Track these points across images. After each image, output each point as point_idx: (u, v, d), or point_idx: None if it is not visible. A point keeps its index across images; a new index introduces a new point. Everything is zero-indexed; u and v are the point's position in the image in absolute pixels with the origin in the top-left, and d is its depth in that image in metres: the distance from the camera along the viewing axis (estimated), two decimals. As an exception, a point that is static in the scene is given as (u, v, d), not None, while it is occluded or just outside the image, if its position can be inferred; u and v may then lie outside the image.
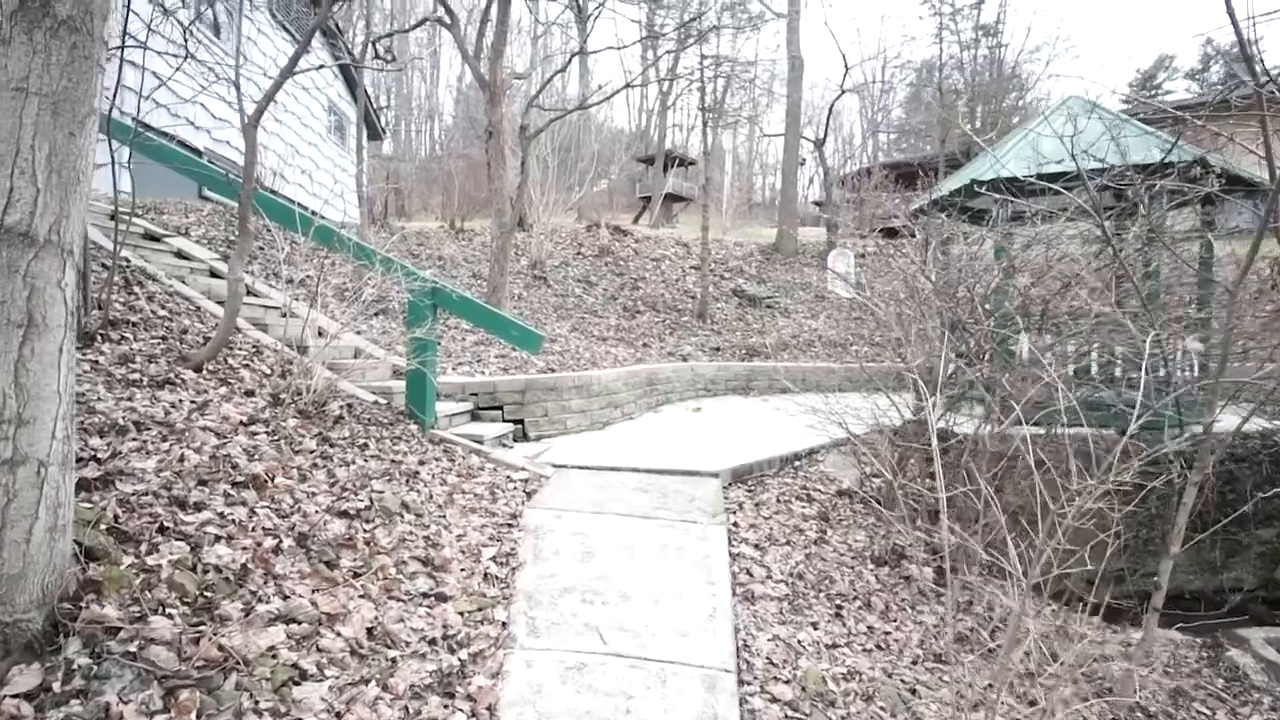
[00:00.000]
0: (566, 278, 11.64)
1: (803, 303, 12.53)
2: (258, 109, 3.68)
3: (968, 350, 4.67)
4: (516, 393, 5.46)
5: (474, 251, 10.96)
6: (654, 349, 9.68)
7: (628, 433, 6.06)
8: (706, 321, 11.08)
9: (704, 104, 12.73)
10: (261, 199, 4.24)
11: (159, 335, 3.89)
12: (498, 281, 7.97)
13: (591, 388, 6.03)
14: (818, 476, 5.13)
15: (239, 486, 2.69)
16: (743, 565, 3.45)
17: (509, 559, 3.16)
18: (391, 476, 3.46)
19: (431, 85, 41.20)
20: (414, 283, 4.14)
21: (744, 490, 4.59)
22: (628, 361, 8.23)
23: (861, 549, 4.22)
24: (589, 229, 14.25)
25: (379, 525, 3.00)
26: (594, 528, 3.52)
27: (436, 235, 11.55)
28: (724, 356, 9.95)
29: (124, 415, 2.80)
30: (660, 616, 2.76)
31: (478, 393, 5.38)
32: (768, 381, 9.29)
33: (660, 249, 14.05)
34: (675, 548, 3.37)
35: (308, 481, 3.03)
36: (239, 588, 2.20)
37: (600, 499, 3.95)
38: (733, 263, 13.82)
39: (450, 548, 3.06)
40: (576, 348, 8.17)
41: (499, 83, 7.89)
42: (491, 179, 8.13)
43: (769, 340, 10.39)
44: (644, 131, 36.86)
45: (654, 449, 5.29)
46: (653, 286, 12.18)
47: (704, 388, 8.76)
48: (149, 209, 6.63)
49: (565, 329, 9.16)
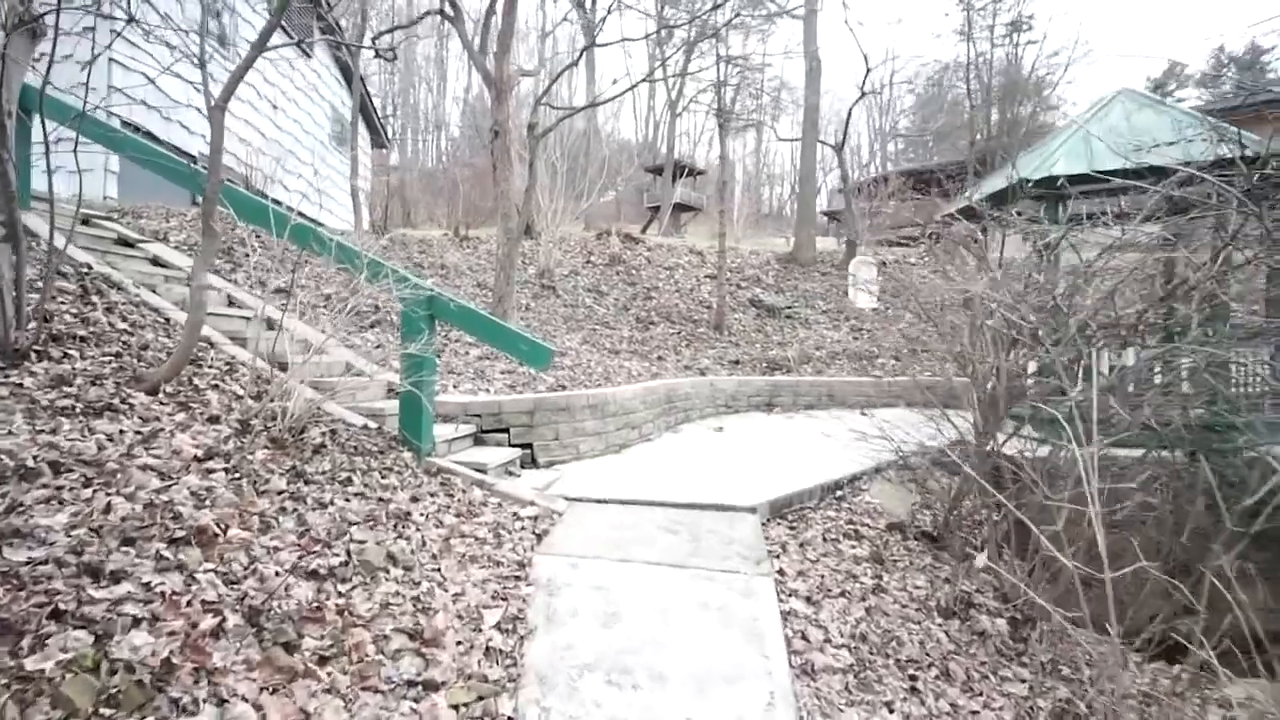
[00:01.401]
0: (576, 287, 11.11)
1: (824, 313, 11.93)
2: (225, 89, 3.17)
3: (1041, 364, 4.10)
4: (524, 414, 4.91)
5: (479, 260, 10.44)
6: (669, 362, 9.12)
7: (647, 457, 5.50)
8: (724, 333, 10.51)
9: (720, 104, 12.18)
10: (231, 194, 3.73)
11: (112, 352, 3.36)
12: (504, 291, 7.43)
13: (607, 407, 5.47)
14: (863, 508, 4.55)
15: (178, 544, 2.14)
16: (796, 627, 2.87)
17: (516, 624, 2.59)
18: (377, 521, 2.90)
19: (439, 96, 41.11)
20: (406, 290, 3.59)
21: (785, 527, 4.01)
22: (643, 376, 7.67)
23: (924, 597, 3.63)
24: (599, 237, 13.74)
25: (357, 585, 2.44)
26: (618, 580, 2.96)
27: (440, 243, 11.03)
28: (744, 370, 9.37)
29: (39, 454, 2.25)
30: (706, 707, 2.19)
31: (481, 414, 4.83)
32: (791, 397, 8.70)
33: (674, 257, 13.52)
34: (717, 607, 2.79)
35: (271, 532, 2.47)
36: (157, 693, 1.65)
37: (623, 541, 3.38)
38: (749, 272, 13.25)
39: (445, 613, 2.50)
40: (588, 361, 7.62)
41: (505, 79, 7.40)
42: (497, 181, 7.62)
43: (790, 353, 9.80)
44: (651, 142, 36.58)
45: (679, 477, 4.72)
46: (666, 296, 11.63)
47: (724, 404, 8.18)
48: (126, 213, 6.13)
49: (576, 341, 8.61)
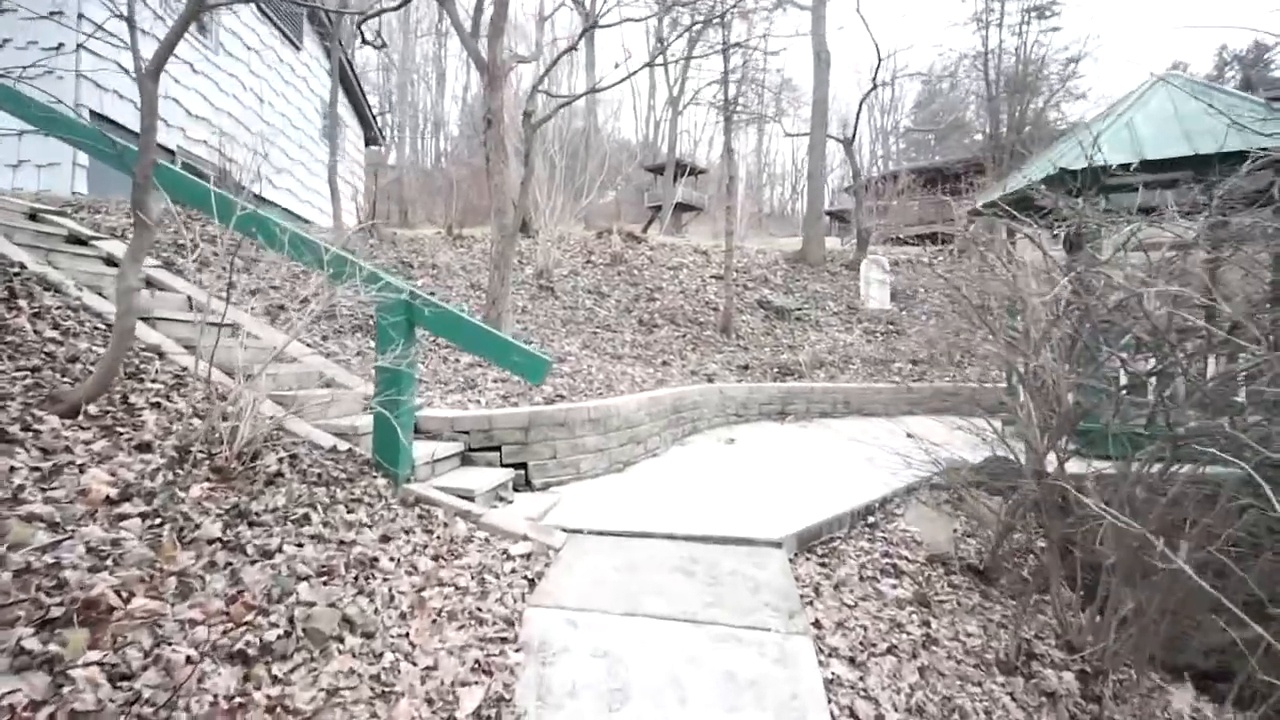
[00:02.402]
0: (576, 288, 10.60)
1: (835, 315, 11.40)
2: (157, 55, 2.67)
3: (1099, 376, 3.59)
4: (518, 429, 4.40)
5: (473, 259, 9.93)
6: (675, 368, 8.61)
7: (654, 475, 4.99)
8: (731, 336, 10.00)
9: (726, 94, 11.65)
10: (167, 175, 3.22)
11: (29, 365, 2.86)
12: (498, 293, 6.92)
13: (610, 421, 4.96)
14: (899, 537, 4.03)
15: (53, 628, 1.64)
16: (843, 701, 2.36)
17: (501, 708, 2.09)
18: (333, 573, 2.39)
19: (437, 95, 40.88)
20: (375, 291, 3.08)
21: (815, 563, 3.50)
22: (647, 384, 7.16)
23: (979, 648, 3.13)
24: (599, 236, 13.23)
25: (300, 665, 1.94)
26: (624, 642, 2.45)
27: (433, 242, 10.52)
28: (753, 376, 8.86)
29: (-123, 507, 1.75)
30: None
31: (470, 430, 4.32)
32: (805, 404, 8.19)
33: (677, 257, 13.00)
34: (748, 681, 2.28)
35: (191, 598, 1.96)
36: None
37: (630, 588, 2.87)
38: (756, 272, 12.73)
39: (410, 698, 1.99)
40: (589, 368, 7.11)
41: (499, 65, 6.89)
42: (491, 175, 7.11)
43: (802, 357, 9.28)
44: (651, 142, 36.14)
45: (690, 500, 4.21)
46: (671, 298, 11.12)
47: (735, 412, 7.67)
48: (83, 208, 5.62)
49: (575, 346, 8.10)
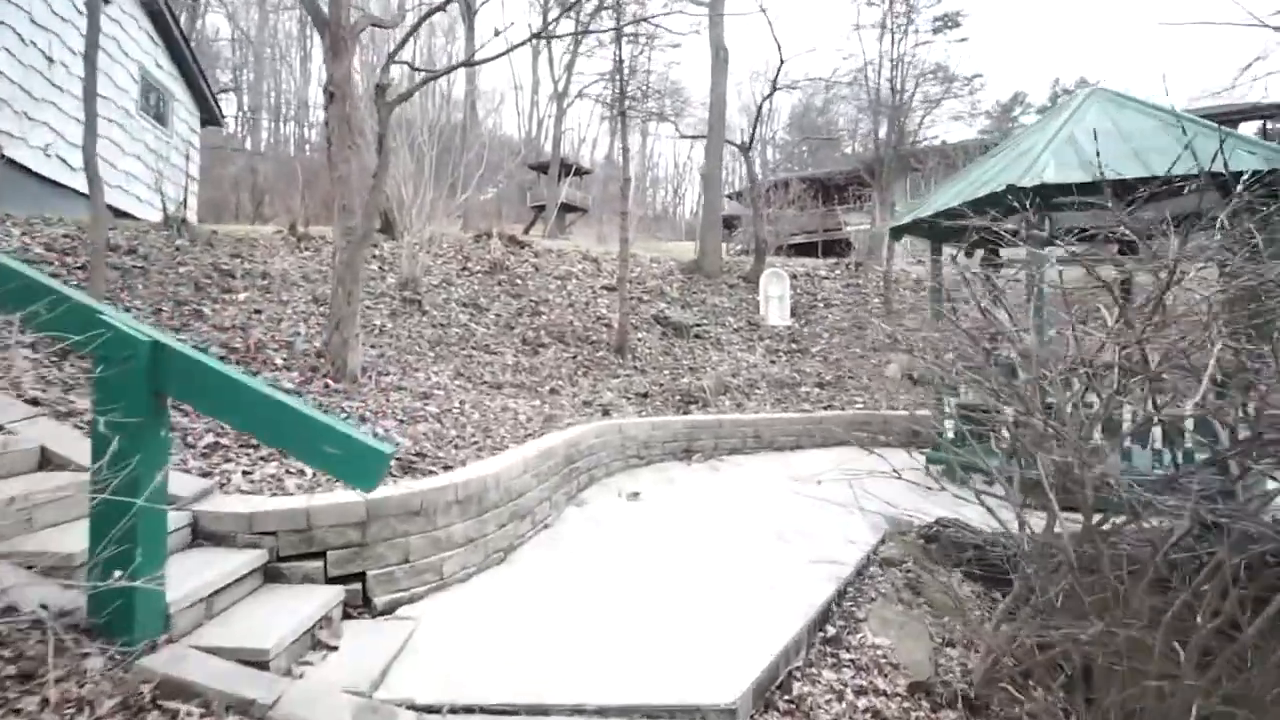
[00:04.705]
0: (449, 301, 9.12)
1: (736, 331, 10.70)
2: None
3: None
4: (352, 526, 3.06)
5: (319, 267, 8.18)
6: (565, 397, 7.44)
7: (547, 567, 3.82)
8: (627, 357, 8.97)
9: (621, 86, 10.61)
10: None
11: None
12: (343, 313, 5.40)
13: (486, 497, 3.72)
14: (869, 658, 3.12)
15: None
16: None
17: None
18: None
19: (302, 80, 37.50)
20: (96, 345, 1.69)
21: (781, 729, 2.50)
22: (533, 423, 5.95)
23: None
24: (477, 239, 11.75)
25: None
26: None
27: (269, 243, 8.60)
28: (653, 405, 7.87)
29: None
30: None
31: (277, 531, 2.93)
32: (713, 440, 7.30)
33: (565, 264, 11.80)
34: None
35: None
36: None
37: None
38: (651, 283, 11.80)
39: None
40: (461, 405, 5.78)
41: (342, 25, 5.41)
42: (333, 164, 5.58)
43: (706, 382, 8.41)
44: (534, 139, 34.67)
45: (600, 614, 3.09)
46: (558, 312, 9.92)
47: (635, 454, 6.62)
48: None
49: (446, 375, 6.72)
